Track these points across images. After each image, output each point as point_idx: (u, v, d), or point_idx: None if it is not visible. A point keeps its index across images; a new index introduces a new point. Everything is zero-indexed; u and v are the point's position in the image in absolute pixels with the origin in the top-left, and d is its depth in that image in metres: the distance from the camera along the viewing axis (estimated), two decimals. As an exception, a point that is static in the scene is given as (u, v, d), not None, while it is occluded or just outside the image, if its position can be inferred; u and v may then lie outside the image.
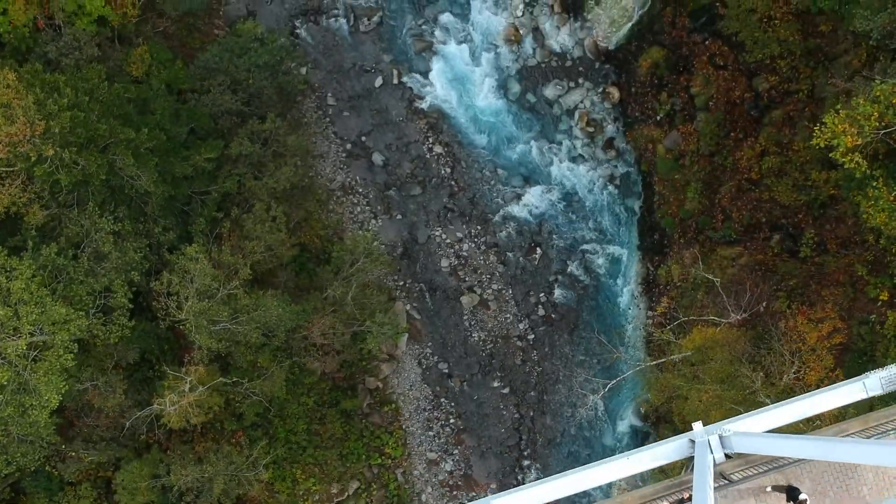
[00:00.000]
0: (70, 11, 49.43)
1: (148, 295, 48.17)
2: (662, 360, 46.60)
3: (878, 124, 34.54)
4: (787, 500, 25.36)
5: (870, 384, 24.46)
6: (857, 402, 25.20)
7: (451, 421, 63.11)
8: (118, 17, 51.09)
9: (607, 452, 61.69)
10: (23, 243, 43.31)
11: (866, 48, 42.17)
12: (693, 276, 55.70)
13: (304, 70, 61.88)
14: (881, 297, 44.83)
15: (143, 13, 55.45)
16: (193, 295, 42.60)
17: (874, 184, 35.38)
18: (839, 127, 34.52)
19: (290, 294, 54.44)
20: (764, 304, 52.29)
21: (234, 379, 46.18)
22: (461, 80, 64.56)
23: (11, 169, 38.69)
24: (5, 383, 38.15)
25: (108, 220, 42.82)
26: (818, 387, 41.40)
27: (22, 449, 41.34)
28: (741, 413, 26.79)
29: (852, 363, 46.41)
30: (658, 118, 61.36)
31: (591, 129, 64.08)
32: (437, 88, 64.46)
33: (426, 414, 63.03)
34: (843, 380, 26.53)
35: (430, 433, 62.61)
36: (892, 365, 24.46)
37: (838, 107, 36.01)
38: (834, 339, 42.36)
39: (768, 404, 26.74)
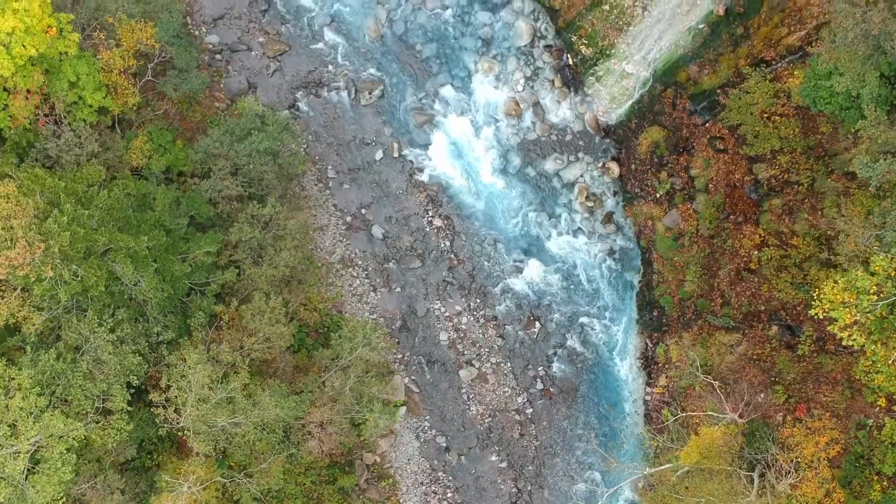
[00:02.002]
0: (70, 102, 49.50)
1: (147, 382, 48.30)
2: (661, 467, 46.60)
3: (876, 297, 34.56)
4: None
5: None
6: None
7: (449, 495, 63.15)
8: (119, 105, 51.13)
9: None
10: (22, 342, 43.40)
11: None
12: (691, 359, 55.74)
13: (304, 145, 61.90)
14: (879, 403, 44.86)
15: (143, 91, 55.53)
16: (192, 402, 42.63)
17: (872, 347, 35.45)
18: (837, 297, 34.57)
19: (288, 377, 54.53)
20: (762, 394, 52.39)
21: (232, 477, 46.20)
22: (461, 153, 64.65)
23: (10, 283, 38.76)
24: (3, 501, 38.21)
25: (107, 327, 42.86)
26: (815, 501, 41.50)
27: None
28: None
29: (849, 467, 46.49)
30: (657, 196, 61.43)
31: (590, 204, 64.18)
32: (438, 161, 64.55)
33: (423, 488, 63.06)
34: (840, 494, 26.25)
35: (428, 509, 62.71)
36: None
37: (837, 278, 36.04)
38: (831, 452, 42.38)
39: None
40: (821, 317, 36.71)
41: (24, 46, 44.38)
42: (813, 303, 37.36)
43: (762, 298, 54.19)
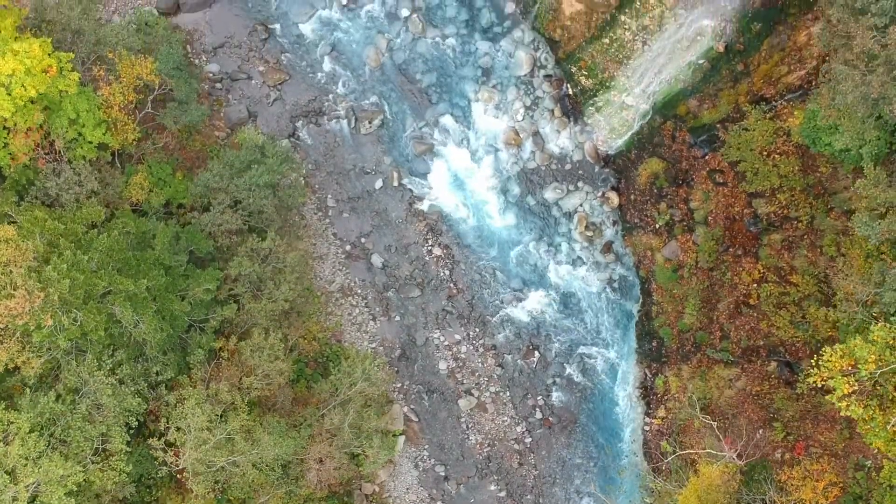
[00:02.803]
0: (70, 139, 49.53)
1: (146, 417, 48.33)
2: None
3: (875, 367, 34.56)
4: None
5: None
6: None
7: (448, 525, 63.18)
8: (118, 141, 51.16)
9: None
10: (21, 383, 43.42)
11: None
12: (690, 396, 55.76)
13: (304, 175, 61.88)
14: (876, 445, 44.82)
15: (143, 121, 55.52)
16: (191, 444, 42.66)
17: (871, 412, 35.45)
18: (836, 365, 34.58)
19: (287, 410, 54.53)
20: (760, 430, 52.42)
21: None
22: (461, 182, 64.68)
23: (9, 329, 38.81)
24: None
25: (106, 369, 42.89)
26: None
27: None
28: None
29: (847, 508, 46.49)
30: (657, 226, 61.44)
31: (589, 233, 64.20)
32: (437, 190, 64.57)
33: (422, 518, 63.10)
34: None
35: (426, 540, 62.72)
36: None
37: (837, 346, 36.02)
38: (829, 496, 42.39)
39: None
40: (819, 384, 36.72)
41: (24, 87, 44.44)
42: (811, 370, 37.33)
43: (761, 333, 54.23)
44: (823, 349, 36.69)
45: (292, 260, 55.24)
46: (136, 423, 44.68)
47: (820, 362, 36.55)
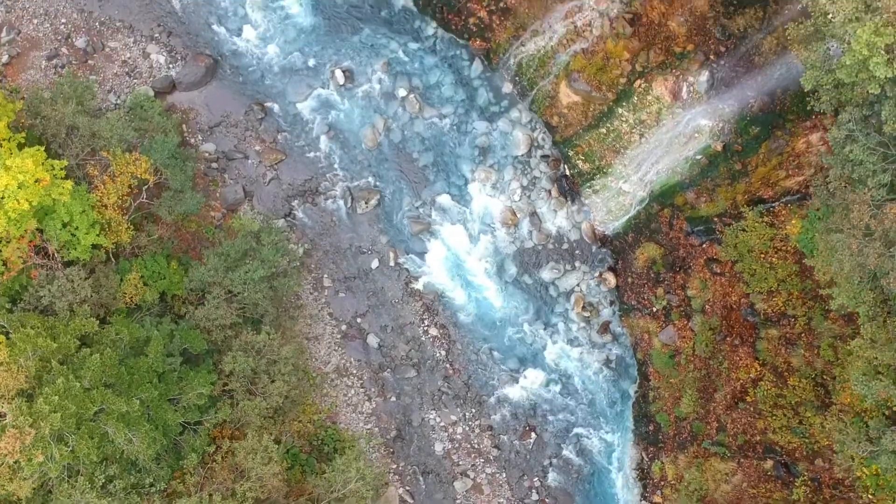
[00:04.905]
0: (64, 241, 49.24)
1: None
2: None
3: None
4: None
5: None
6: None
7: None
8: (112, 241, 50.87)
9: None
10: (8, 501, 43.06)
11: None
12: (687, 482, 55.47)
13: (298, 261, 61.52)
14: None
15: (138, 209, 55.18)
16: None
17: None
18: None
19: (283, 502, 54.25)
20: (757, 530, 52.19)
21: None
22: (458, 261, 64.40)
23: None
24: None
25: (98, 487, 42.56)
26: None
27: None
28: None
29: None
30: (654, 310, 61.17)
31: (587, 314, 63.93)
32: (434, 270, 64.29)
33: None
34: None
35: None
36: None
37: None
38: None
39: None
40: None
41: (17, 201, 44.14)
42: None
43: (757, 429, 53.94)
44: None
45: (287, 352, 54.98)
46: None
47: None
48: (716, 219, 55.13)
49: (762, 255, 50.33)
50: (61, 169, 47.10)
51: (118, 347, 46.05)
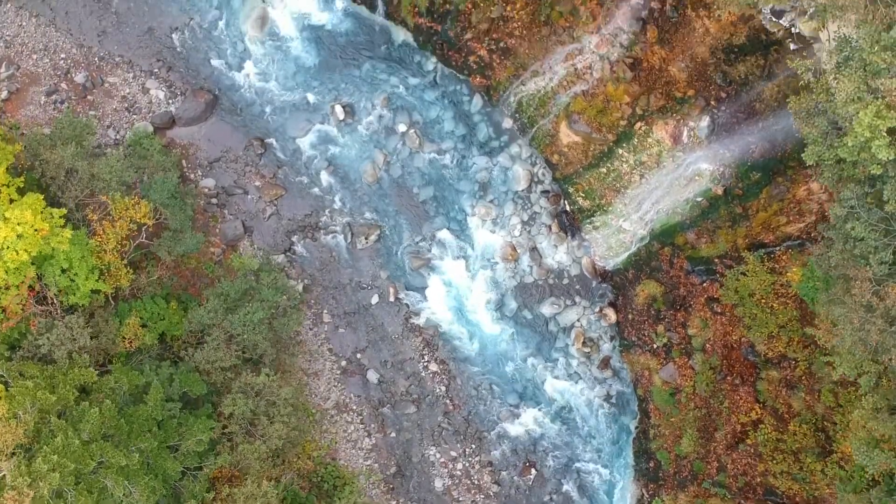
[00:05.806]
0: (63, 286, 49.14)
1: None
2: None
3: None
4: None
5: None
6: None
7: None
8: (111, 286, 50.77)
9: None
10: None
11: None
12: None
13: (300, 292, 61.51)
14: None
15: (138, 248, 55.08)
16: None
17: None
18: None
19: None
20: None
21: None
22: (458, 296, 64.28)
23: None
24: None
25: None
26: None
27: None
28: None
29: None
30: (654, 347, 61.05)
31: (587, 349, 63.80)
32: (434, 305, 64.18)
33: None
34: None
35: None
36: None
37: None
38: None
39: None
40: None
41: (16, 252, 44.04)
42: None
43: (758, 472, 53.84)
44: None
45: (286, 393, 54.89)
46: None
47: None
48: (716, 260, 55.02)
49: (763, 300, 50.21)
50: (60, 217, 46.98)
51: (117, 396, 45.93)
